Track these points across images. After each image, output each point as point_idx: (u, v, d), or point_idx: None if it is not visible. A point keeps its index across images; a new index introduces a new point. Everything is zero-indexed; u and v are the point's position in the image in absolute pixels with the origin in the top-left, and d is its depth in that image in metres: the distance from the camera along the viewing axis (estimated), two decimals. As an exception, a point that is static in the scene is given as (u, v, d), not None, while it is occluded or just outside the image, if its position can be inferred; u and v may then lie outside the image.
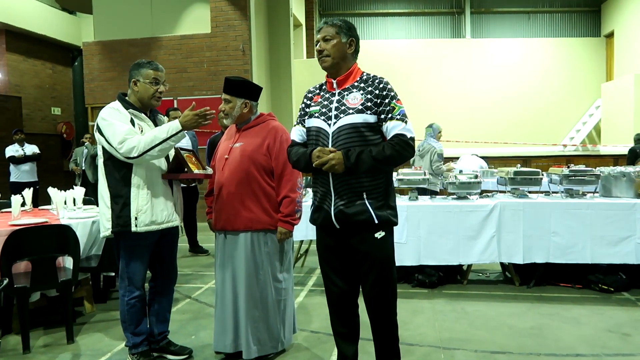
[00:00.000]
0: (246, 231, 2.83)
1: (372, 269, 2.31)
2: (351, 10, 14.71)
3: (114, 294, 4.34)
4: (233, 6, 8.90)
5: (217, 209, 2.91)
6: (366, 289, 2.37)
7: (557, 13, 14.55)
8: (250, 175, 2.80)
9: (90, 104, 9.53)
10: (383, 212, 2.28)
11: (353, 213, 2.25)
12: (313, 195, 2.43)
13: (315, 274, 5.01)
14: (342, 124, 2.27)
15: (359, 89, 2.32)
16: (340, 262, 2.40)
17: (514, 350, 3.08)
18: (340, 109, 2.30)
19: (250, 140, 2.86)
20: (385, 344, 2.40)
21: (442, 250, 4.25)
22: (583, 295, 4.15)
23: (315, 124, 2.36)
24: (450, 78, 14.10)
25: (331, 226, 2.33)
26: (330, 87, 2.39)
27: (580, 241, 4.11)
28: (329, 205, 2.30)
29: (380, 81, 2.32)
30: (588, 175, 4.31)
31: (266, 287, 2.86)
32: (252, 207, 2.81)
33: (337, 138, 2.27)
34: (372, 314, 2.38)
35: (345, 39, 2.33)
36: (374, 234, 2.29)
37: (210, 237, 6.39)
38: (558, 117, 13.86)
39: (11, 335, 3.44)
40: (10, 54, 11.81)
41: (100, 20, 9.47)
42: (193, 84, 9.08)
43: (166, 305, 3.03)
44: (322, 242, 2.44)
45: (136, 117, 2.78)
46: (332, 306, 2.48)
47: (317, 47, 2.36)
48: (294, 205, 2.84)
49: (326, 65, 2.34)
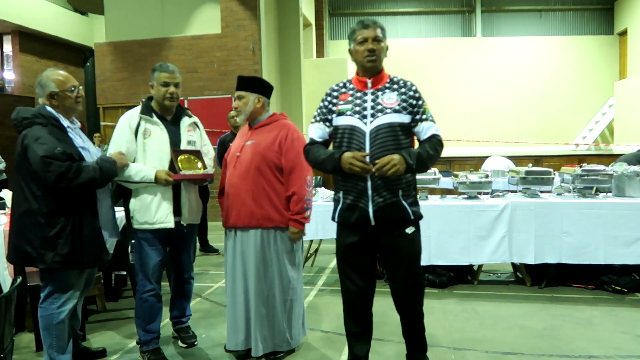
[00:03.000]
0: (256, 228, 2.84)
1: (402, 264, 2.41)
2: (361, 10, 14.68)
3: (126, 293, 4.38)
4: (243, 6, 8.93)
5: (227, 206, 2.93)
6: (396, 283, 2.46)
7: (569, 11, 14.40)
8: (262, 173, 2.81)
9: (102, 104, 9.61)
10: (416, 208, 2.42)
11: (392, 210, 2.34)
12: (342, 194, 2.42)
13: (325, 274, 5.01)
14: (381, 123, 2.32)
15: (392, 90, 2.39)
16: (363, 260, 2.45)
17: (525, 351, 3.05)
18: (377, 108, 2.35)
19: (263, 138, 2.87)
20: (415, 334, 2.52)
21: (453, 250, 4.23)
22: (596, 296, 4.10)
23: (348, 122, 2.37)
24: (460, 77, 14.02)
25: (364, 224, 2.37)
26: (363, 87, 2.41)
27: (593, 241, 4.07)
28: (366, 203, 2.34)
29: (412, 84, 2.43)
30: (601, 175, 4.26)
31: (274, 285, 2.87)
32: (263, 205, 2.81)
33: (375, 137, 2.32)
34: (401, 307, 2.49)
35: (385, 43, 2.41)
36: (405, 229, 2.38)
37: (221, 236, 6.42)
38: (570, 116, 13.73)
39: (24, 333, 3.48)
40: (23, 55, 11.96)
41: (111, 21, 9.55)
42: (203, 84, 9.12)
43: (183, 295, 3.25)
44: (346, 240, 2.45)
45: (147, 122, 2.94)
46: (348, 305, 2.52)
47: (369, 45, 2.35)
48: (302, 203, 2.83)
49: (374, 65, 2.38)
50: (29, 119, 2.61)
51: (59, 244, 2.56)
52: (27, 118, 2.61)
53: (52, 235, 2.56)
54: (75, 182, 2.54)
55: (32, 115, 2.62)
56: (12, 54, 12.09)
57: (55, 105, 2.69)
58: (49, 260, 2.56)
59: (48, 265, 2.57)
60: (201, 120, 3.31)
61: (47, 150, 2.51)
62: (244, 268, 2.89)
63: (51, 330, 2.65)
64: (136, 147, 2.90)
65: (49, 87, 2.69)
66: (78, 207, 2.63)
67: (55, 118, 2.66)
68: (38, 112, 2.64)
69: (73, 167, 2.55)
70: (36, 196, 2.56)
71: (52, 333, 2.65)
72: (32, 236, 2.56)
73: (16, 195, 2.64)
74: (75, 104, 2.76)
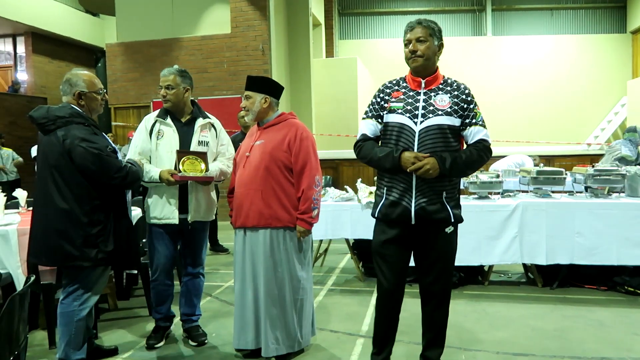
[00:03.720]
0: (265, 228, 2.85)
1: (438, 262, 2.47)
2: (370, 9, 14.64)
3: (137, 292, 4.41)
4: (253, 6, 8.95)
5: (236, 205, 2.95)
6: (428, 280, 2.51)
7: (582, 9, 14.25)
8: (271, 173, 2.82)
9: (113, 104, 9.69)
10: (457, 211, 2.45)
11: (434, 211, 2.37)
12: (385, 190, 2.46)
13: (334, 274, 5.01)
14: (431, 124, 2.34)
15: (445, 92, 2.40)
16: (398, 257, 2.49)
17: (536, 352, 3.03)
18: (428, 108, 2.36)
19: (272, 138, 2.88)
20: (436, 333, 2.56)
21: (463, 250, 4.16)
22: (608, 297, 4.06)
23: (398, 120, 2.40)
24: (471, 77, 13.90)
25: (405, 222, 2.41)
26: (416, 86, 2.43)
27: (606, 242, 4.02)
28: (409, 201, 2.38)
29: (465, 87, 2.43)
30: (613, 175, 4.22)
31: (284, 285, 2.87)
32: (272, 205, 2.82)
33: (424, 137, 2.34)
34: (430, 305, 2.54)
35: (437, 42, 2.39)
36: (444, 229, 2.43)
37: (231, 235, 6.44)
38: (582, 116, 13.59)
39: (38, 331, 3.52)
40: (36, 56, 12.10)
41: (122, 22, 9.63)
42: (213, 84, 9.17)
43: (193, 290, 3.28)
44: (383, 237, 2.50)
45: (162, 124, 3.13)
46: (380, 301, 2.58)
47: (410, 47, 2.37)
48: (309, 202, 2.84)
49: (417, 65, 2.39)
50: (65, 118, 2.60)
51: (101, 241, 2.63)
52: (63, 117, 2.60)
53: (94, 234, 2.61)
54: (127, 181, 2.67)
55: (68, 115, 2.61)
56: (25, 55, 12.24)
57: (81, 105, 2.72)
58: (95, 258, 2.61)
59: (94, 262, 2.63)
60: (211, 121, 3.34)
61: (100, 148, 2.58)
62: (254, 268, 2.89)
63: (71, 326, 2.69)
64: (150, 147, 3.10)
65: (79, 86, 2.71)
66: (114, 205, 2.71)
67: (91, 118, 2.72)
68: (75, 112, 2.65)
69: (126, 166, 2.67)
70: (76, 195, 2.59)
71: (71, 329, 2.69)
72: (74, 235, 2.58)
73: (48, 195, 2.61)
74: (100, 106, 2.82)
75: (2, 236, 3.32)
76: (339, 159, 10.21)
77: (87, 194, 2.61)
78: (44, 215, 2.65)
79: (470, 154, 2.35)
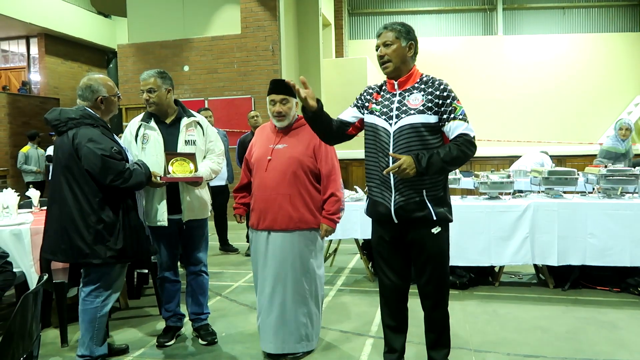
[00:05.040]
0: (293, 231, 2.90)
1: (428, 263, 2.45)
2: (380, 9, 14.60)
3: (147, 291, 4.44)
4: (263, 7, 8.98)
5: (260, 208, 2.96)
6: (422, 282, 2.50)
7: (594, 8, 14.10)
8: (298, 177, 2.89)
9: (125, 104, 9.77)
10: (441, 209, 2.39)
11: (413, 209, 2.36)
12: (369, 189, 2.51)
13: (344, 274, 5.01)
14: (404, 124, 2.35)
15: (420, 90, 2.39)
16: (393, 255, 2.51)
17: (548, 354, 3.01)
18: (402, 109, 2.38)
19: (295, 143, 2.94)
20: (438, 334, 2.55)
21: (474, 251, 4.18)
22: (621, 299, 4.01)
23: (375, 121, 2.44)
24: (481, 76, 13.84)
25: (389, 221, 2.42)
26: (391, 88, 2.46)
27: (619, 243, 3.98)
28: (389, 200, 2.39)
29: (440, 82, 2.40)
30: (626, 175, 4.17)
31: (310, 283, 2.96)
32: (300, 207, 2.89)
33: (398, 137, 2.36)
34: (426, 306, 2.54)
35: (405, 43, 2.40)
36: (431, 229, 2.40)
37: (240, 235, 6.48)
38: (595, 115, 13.43)
39: (50, 329, 3.57)
40: (49, 57, 12.24)
41: (134, 23, 9.70)
42: (223, 85, 9.20)
43: (197, 289, 3.29)
44: (377, 234, 2.55)
45: (146, 127, 3.13)
46: (383, 299, 2.60)
47: (377, 52, 2.42)
48: (339, 204, 2.94)
49: (388, 71, 2.42)
50: (76, 119, 2.69)
51: (112, 239, 2.67)
52: (74, 119, 2.69)
53: (105, 232, 2.66)
54: (128, 183, 2.69)
55: (79, 116, 2.70)
56: (38, 56, 12.39)
57: (101, 109, 2.79)
58: (104, 256, 2.66)
59: (104, 260, 2.67)
60: (221, 120, 3.39)
61: (105, 149, 2.63)
62: (280, 269, 2.92)
63: (94, 323, 2.75)
64: (137, 152, 3.10)
65: (101, 91, 2.78)
66: (124, 203, 2.75)
67: (103, 120, 2.78)
68: (86, 113, 2.72)
69: (129, 168, 2.69)
70: (86, 194, 2.65)
71: (94, 326, 2.76)
72: (85, 233, 2.64)
73: (61, 194, 2.69)
74: (116, 108, 2.91)
75: (16, 235, 3.37)
76: (349, 159, 10.19)
77: (96, 192, 2.67)
78: (57, 213, 2.71)
79: (449, 150, 2.29)
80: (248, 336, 3.38)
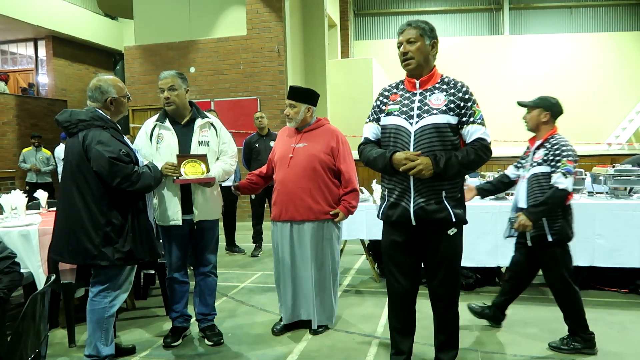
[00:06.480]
0: (313, 221, 3.25)
1: (442, 264, 2.44)
2: (386, 9, 14.60)
3: (154, 291, 4.46)
4: (268, 8, 9.00)
5: (283, 201, 3.28)
6: (434, 284, 2.49)
7: (602, 7, 14.02)
8: (317, 173, 3.23)
9: (131, 106, 9.81)
10: (459, 211, 2.39)
11: (433, 211, 2.34)
12: (387, 191, 2.48)
13: (350, 275, 5.01)
14: (426, 124, 2.33)
15: (442, 90, 2.37)
16: (405, 259, 2.49)
17: (554, 355, 2.99)
18: (423, 108, 2.36)
19: (314, 142, 3.29)
20: (449, 335, 2.54)
21: (480, 251, 4.16)
22: (629, 300, 3.98)
23: (394, 121, 2.41)
24: (488, 77, 13.79)
25: (406, 223, 2.40)
26: (411, 87, 2.43)
27: (627, 244, 3.94)
28: (408, 202, 2.37)
29: (462, 85, 2.40)
30: (635, 175, 4.13)
31: (329, 267, 3.33)
32: (319, 200, 3.24)
33: (420, 137, 2.33)
34: (438, 308, 2.53)
35: (428, 41, 2.37)
36: (447, 230, 2.40)
37: (247, 236, 6.48)
38: (602, 115, 13.35)
39: (58, 329, 3.59)
40: (56, 59, 12.32)
41: (140, 25, 9.75)
42: (229, 86, 9.23)
43: (205, 289, 3.31)
44: (389, 238, 2.52)
45: (161, 127, 3.17)
46: (391, 302, 2.59)
47: (400, 49, 2.40)
48: (358, 199, 3.36)
49: (411, 68, 2.39)
50: (87, 121, 2.70)
51: (120, 241, 2.68)
52: (84, 120, 2.70)
53: (113, 234, 2.67)
54: (136, 187, 2.69)
55: (89, 118, 2.71)
56: (46, 58, 12.48)
57: (110, 110, 2.81)
58: (112, 258, 2.67)
59: (111, 262, 2.67)
60: (227, 122, 3.40)
61: (113, 151, 2.64)
62: (302, 255, 3.30)
63: (102, 323, 2.76)
64: (151, 151, 3.13)
65: (111, 92, 2.80)
66: (133, 205, 2.76)
67: (113, 121, 2.79)
68: (96, 115, 2.73)
69: (136, 171, 2.69)
70: (95, 196, 2.66)
71: (102, 326, 2.77)
72: (93, 235, 2.65)
73: (70, 195, 2.69)
74: (126, 109, 2.93)
75: (24, 236, 3.39)
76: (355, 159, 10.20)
77: (105, 194, 2.67)
78: (66, 214, 2.72)
79: (466, 154, 2.30)
80: (254, 337, 3.39)
